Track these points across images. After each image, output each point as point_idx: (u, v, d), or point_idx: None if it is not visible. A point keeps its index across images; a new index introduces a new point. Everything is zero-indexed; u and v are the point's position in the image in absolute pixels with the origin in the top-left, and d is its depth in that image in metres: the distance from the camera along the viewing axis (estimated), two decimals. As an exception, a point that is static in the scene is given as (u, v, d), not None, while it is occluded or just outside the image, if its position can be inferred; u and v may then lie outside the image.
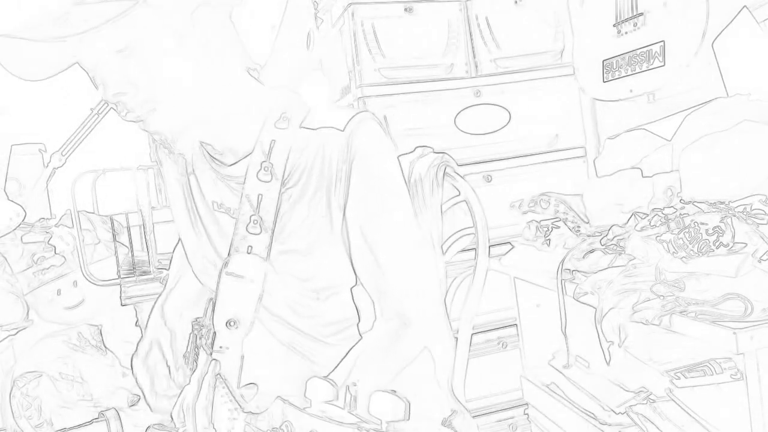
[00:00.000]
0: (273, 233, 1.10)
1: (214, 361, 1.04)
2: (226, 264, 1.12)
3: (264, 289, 1.12)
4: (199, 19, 1.05)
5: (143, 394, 1.23)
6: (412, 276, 1.11)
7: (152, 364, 1.23)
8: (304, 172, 1.10)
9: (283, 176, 1.10)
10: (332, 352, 1.14)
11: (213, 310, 1.14)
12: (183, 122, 1.07)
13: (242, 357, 1.12)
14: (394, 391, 0.93)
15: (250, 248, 1.11)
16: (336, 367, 1.08)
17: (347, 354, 1.09)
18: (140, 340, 1.26)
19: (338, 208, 1.09)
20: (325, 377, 0.96)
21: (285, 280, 1.12)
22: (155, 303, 1.30)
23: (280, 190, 1.10)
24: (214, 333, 1.13)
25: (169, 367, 1.23)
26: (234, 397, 1.01)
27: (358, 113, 1.09)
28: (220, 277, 1.13)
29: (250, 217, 1.10)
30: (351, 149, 1.07)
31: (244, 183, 1.11)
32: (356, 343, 1.11)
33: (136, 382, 1.23)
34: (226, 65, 1.09)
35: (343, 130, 1.08)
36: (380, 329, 1.11)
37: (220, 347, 1.11)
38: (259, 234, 1.10)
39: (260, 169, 1.10)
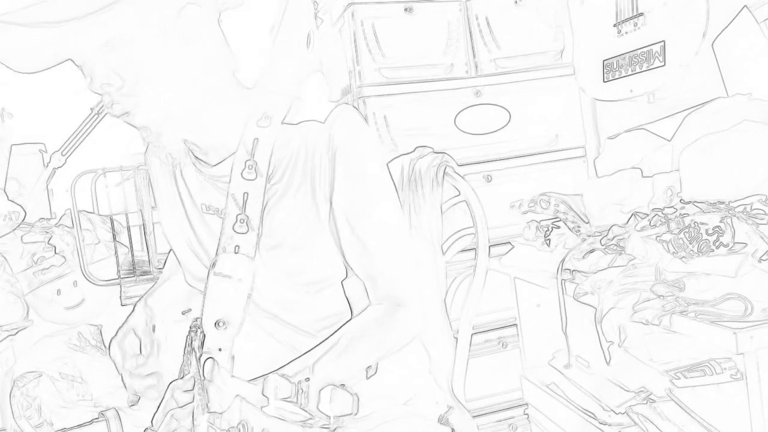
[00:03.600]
0: (260, 232, 1.11)
1: (210, 360, 1.04)
2: (213, 264, 1.13)
3: (253, 288, 1.12)
4: (186, 17, 1.06)
5: (118, 372, 1.24)
6: (400, 259, 1.12)
7: (127, 346, 1.23)
8: (288, 167, 1.11)
9: (268, 173, 1.11)
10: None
11: (201, 312, 1.14)
12: (165, 117, 1.08)
13: (233, 357, 1.12)
14: (343, 386, 0.93)
15: (237, 248, 1.11)
16: (319, 343, 1.08)
17: (328, 337, 1.09)
18: (121, 325, 1.26)
19: (324, 199, 1.10)
20: (283, 374, 0.96)
21: (275, 276, 1.12)
22: (143, 295, 1.31)
23: (265, 187, 1.10)
24: (203, 333, 1.14)
25: (140, 348, 1.23)
26: (206, 397, 1.01)
27: (337, 105, 1.10)
28: (207, 277, 1.13)
29: (237, 216, 1.11)
30: (333, 140, 1.08)
31: (229, 182, 1.12)
32: (343, 324, 1.11)
33: (114, 365, 1.24)
34: (209, 65, 1.10)
35: (323, 123, 1.09)
36: (370, 310, 1.11)
37: (219, 349, 1.11)
38: (246, 233, 1.11)
39: (245, 168, 1.11)
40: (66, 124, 1.85)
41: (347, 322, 1.12)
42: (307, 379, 0.96)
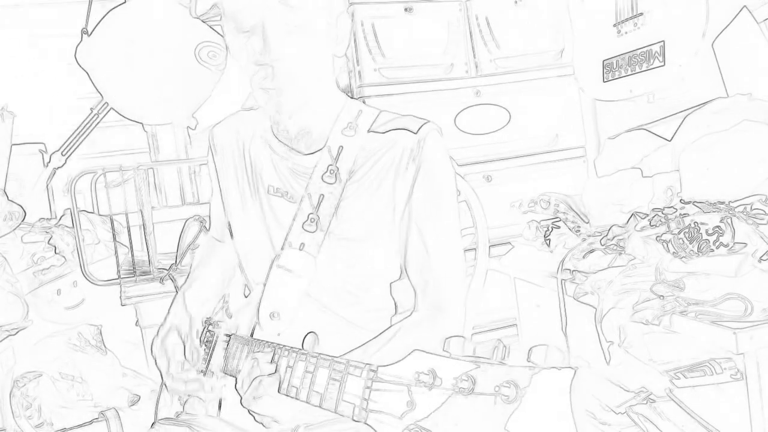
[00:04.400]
0: (326, 233, 1.16)
1: (312, 335, 1.04)
2: (278, 257, 1.18)
3: (311, 285, 1.17)
4: (342, 21, 1.17)
5: (161, 374, 1.27)
6: (452, 272, 1.18)
7: (170, 347, 1.27)
8: (373, 168, 1.16)
9: (347, 177, 1.17)
10: (365, 336, 1.18)
11: (259, 301, 1.19)
12: (302, 103, 1.14)
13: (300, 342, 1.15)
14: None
15: (302, 245, 1.17)
16: (373, 338, 1.14)
17: (386, 329, 1.16)
18: (161, 324, 1.30)
19: (402, 201, 1.15)
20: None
21: (332, 265, 1.17)
22: (180, 289, 1.34)
23: (342, 192, 1.16)
24: (257, 322, 1.18)
25: (185, 353, 1.26)
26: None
27: (428, 122, 1.17)
28: (270, 268, 1.18)
29: (308, 215, 1.17)
30: (422, 152, 1.14)
31: (309, 181, 1.17)
32: (391, 325, 1.17)
33: (155, 363, 1.27)
34: (335, 64, 1.19)
35: (416, 133, 1.15)
36: (418, 314, 1.17)
37: (278, 334, 1.15)
38: (313, 232, 1.16)
39: (326, 172, 1.17)
40: (66, 124, 1.85)
41: (400, 320, 1.17)
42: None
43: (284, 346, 1.05)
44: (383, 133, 1.18)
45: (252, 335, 1.18)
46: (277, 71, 1.10)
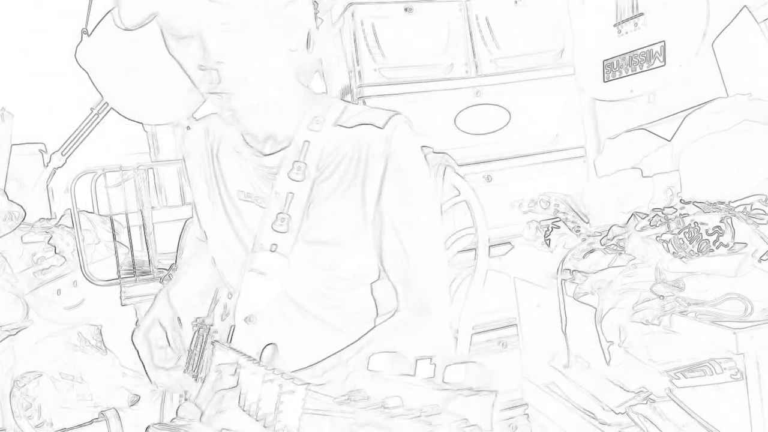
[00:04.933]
0: (299, 232, 1.12)
1: (272, 346, 1.02)
2: (250, 260, 1.14)
3: (285, 286, 1.14)
4: (290, 12, 1.11)
5: (144, 367, 1.24)
6: (436, 270, 1.15)
7: (153, 338, 1.25)
8: (339, 166, 1.12)
9: (316, 174, 1.12)
10: (346, 340, 1.16)
11: (234, 305, 1.15)
12: (257, 104, 1.11)
13: (258, 353, 1.13)
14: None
15: (274, 246, 1.13)
16: (349, 345, 1.11)
17: (363, 335, 1.12)
18: (143, 317, 1.28)
19: (372, 201, 1.11)
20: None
21: (310, 270, 1.14)
22: (163, 287, 1.32)
23: (312, 189, 1.12)
24: (232, 327, 1.15)
25: (168, 340, 1.24)
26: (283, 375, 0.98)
27: (395, 114, 1.13)
28: (243, 272, 1.15)
29: (278, 215, 1.13)
30: (390, 146, 1.10)
31: (275, 180, 1.14)
32: (372, 328, 1.14)
33: (138, 356, 1.25)
34: (296, 60, 1.14)
35: (382, 128, 1.11)
36: (400, 314, 1.14)
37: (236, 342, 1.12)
38: (285, 233, 1.13)
39: (293, 169, 1.13)
40: (66, 124, 1.85)
41: (380, 324, 1.14)
42: None
43: (249, 356, 1.02)
44: (350, 127, 1.13)
45: (230, 340, 1.15)
46: (222, 75, 1.06)
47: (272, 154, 1.15)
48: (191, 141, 1.27)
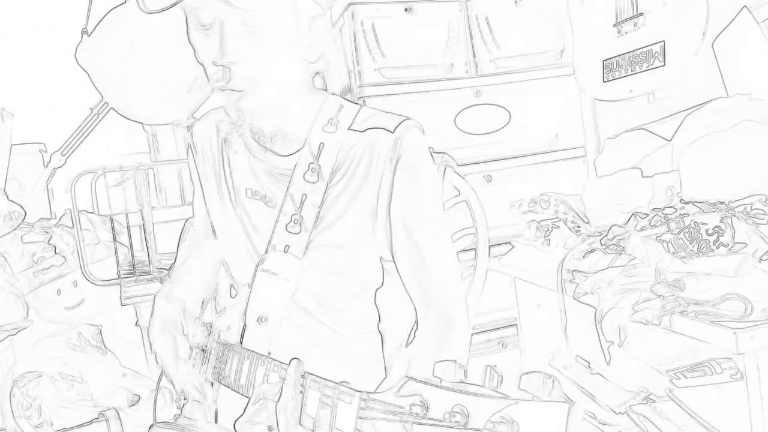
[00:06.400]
0: (311, 234, 1.13)
1: (296, 361, 1.02)
2: (262, 261, 1.14)
3: (297, 286, 1.14)
4: (316, 26, 1.12)
5: (165, 367, 1.22)
6: (453, 278, 1.15)
7: (171, 331, 1.24)
8: (350, 170, 1.13)
9: (330, 177, 1.13)
10: (348, 345, 1.17)
11: (246, 305, 1.15)
12: (268, 105, 1.12)
13: (269, 353, 1.13)
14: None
15: (287, 247, 1.13)
16: (388, 375, 1.13)
17: (398, 360, 1.13)
18: (151, 317, 1.27)
19: (384, 204, 1.12)
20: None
21: (316, 273, 1.14)
22: (157, 293, 1.30)
23: (325, 192, 1.13)
24: (244, 327, 1.15)
25: (186, 334, 1.24)
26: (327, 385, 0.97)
27: (406, 119, 1.14)
28: (255, 272, 1.15)
29: (292, 216, 1.13)
30: (398, 150, 1.11)
31: (289, 182, 1.14)
32: (402, 350, 1.15)
33: (156, 357, 1.23)
34: (312, 67, 1.15)
35: (393, 132, 1.12)
36: (427, 333, 1.13)
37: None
38: (298, 234, 1.13)
39: (307, 170, 1.13)
40: (66, 124, 1.85)
41: (410, 346, 1.14)
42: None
43: (278, 362, 1.03)
44: (362, 131, 1.14)
45: (241, 340, 1.15)
46: (233, 74, 1.07)
47: (288, 155, 1.16)
48: (200, 134, 1.26)
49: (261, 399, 1.01)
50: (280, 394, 0.97)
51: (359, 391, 0.84)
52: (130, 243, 1.83)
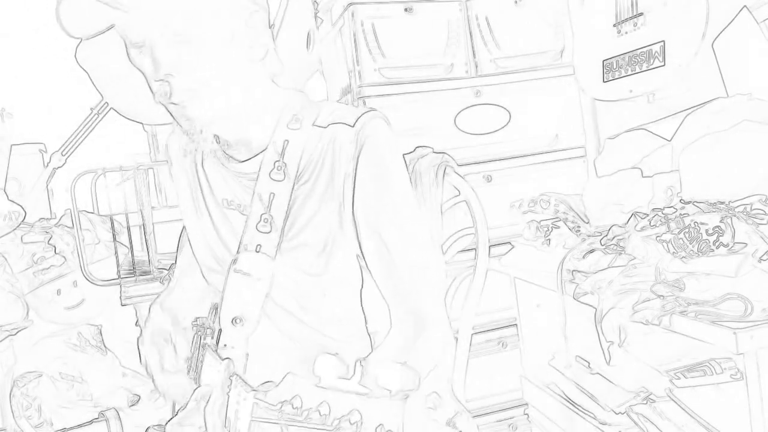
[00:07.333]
0: (282, 233, 1.11)
1: (227, 361, 1.03)
2: (234, 261, 1.13)
3: (271, 286, 1.13)
4: (254, 23, 1.09)
5: (152, 377, 1.23)
6: (424, 273, 1.12)
7: (160, 342, 1.24)
8: (316, 168, 1.11)
9: (296, 175, 1.11)
10: (333, 346, 1.15)
11: (219, 308, 1.14)
12: (215, 114, 1.09)
13: (247, 355, 1.12)
14: (404, 363, 0.91)
15: (258, 247, 1.12)
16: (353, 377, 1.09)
17: (367, 361, 1.08)
18: (144, 325, 1.27)
19: (349, 204, 1.10)
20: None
21: (293, 274, 1.13)
22: (155, 300, 1.30)
23: (293, 189, 1.11)
24: (220, 330, 1.14)
25: (174, 345, 1.23)
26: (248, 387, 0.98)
27: (367, 111, 1.10)
28: (228, 273, 1.14)
29: (261, 215, 1.12)
30: (358, 144, 1.08)
31: (256, 181, 1.12)
32: (370, 353, 1.11)
33: (146, 368, 1.24)
34: (261, 68, 1.12)
35: (353, 126, 1.09)
36: (394, 333, 1.11)
37: (225, 345, 1.11)
38: (268, 233, 1.12)
39: (273, 168, 1.11)
40: (66, 124, 1.85)
41: (374, 352, 1.11)
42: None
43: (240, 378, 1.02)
44: (325, 127, 1.11)
45: (217, 342, 1.14)
46: (173, 87, 1.05)
47: (252, 158, 1.14)
48: (175, 147, 1.25)
49: (197, 401, 1.01)
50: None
51: (255, 391, 0.85)
52: (130, 243, 1.83)
